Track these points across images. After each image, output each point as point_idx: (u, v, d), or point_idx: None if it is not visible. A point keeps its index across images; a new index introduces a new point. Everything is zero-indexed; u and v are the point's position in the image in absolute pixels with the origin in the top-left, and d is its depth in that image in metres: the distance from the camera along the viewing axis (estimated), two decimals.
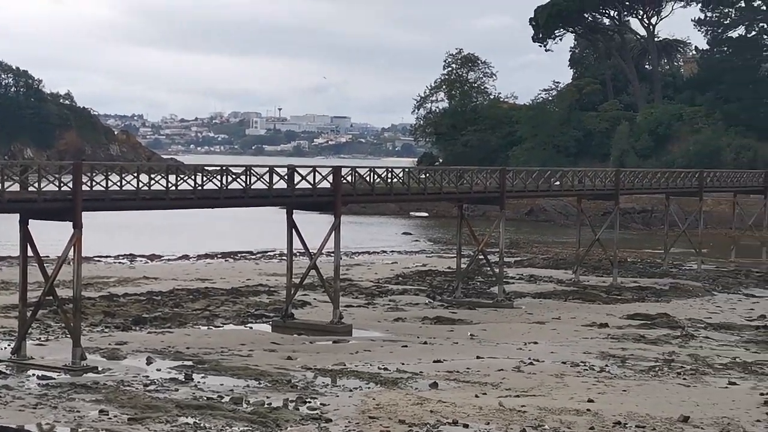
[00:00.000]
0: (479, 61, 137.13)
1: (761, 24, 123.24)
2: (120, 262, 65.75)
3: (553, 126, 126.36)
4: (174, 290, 51.69)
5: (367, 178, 45.56)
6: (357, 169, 45.17)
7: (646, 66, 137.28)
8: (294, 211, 43.05)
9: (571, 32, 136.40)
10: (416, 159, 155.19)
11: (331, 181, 42.75)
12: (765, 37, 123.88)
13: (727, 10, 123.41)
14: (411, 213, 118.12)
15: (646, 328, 44.67)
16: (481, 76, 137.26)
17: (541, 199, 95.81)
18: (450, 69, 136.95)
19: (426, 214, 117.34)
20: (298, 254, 49.29)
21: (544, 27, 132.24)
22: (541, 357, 36.46)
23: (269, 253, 72.63)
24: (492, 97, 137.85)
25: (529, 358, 36.07)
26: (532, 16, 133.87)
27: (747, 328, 45.45)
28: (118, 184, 35.73)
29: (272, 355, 36.16)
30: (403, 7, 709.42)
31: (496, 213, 55.34)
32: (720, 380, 33.54)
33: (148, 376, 31.53)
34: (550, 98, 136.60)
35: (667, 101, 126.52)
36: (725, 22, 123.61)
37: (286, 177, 41.74)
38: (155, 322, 42.52)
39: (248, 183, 39.50)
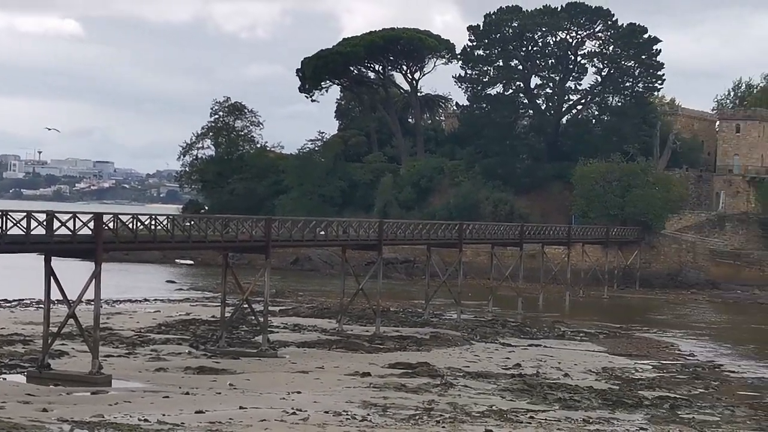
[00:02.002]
0: (246, 110, 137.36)
1: (518, 83, 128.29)
2: None
3: (319, 176, 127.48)
4: None
5: (130, 225, 44.76)
6: (119, 215, 44.37)
7: (410, 120, 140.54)
8: (53, 258, 41.80)
9: (337, 84, 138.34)
10: (182, 206, 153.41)
11: (92, 228, 41.80)
12: (521, 95, 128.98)
13: (486, 68, 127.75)
14: (176, 261, 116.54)
15: (407, 377, 45.44)
16: (248, 124, 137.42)
17: (306, 248, 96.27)
18: (217, 116, 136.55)
19: (191, 262, 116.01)
20: (56, 302, 47.77)
21: (310, 78, 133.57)
22: (305, 407, 36.51)
23: (26, 301, 70.04)
24: (259, 145, 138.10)
25: (293, 408, 36.06)
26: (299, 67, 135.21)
27: (503, 376, 46.89)
28: None
29: (26, 407, 34.81)
30: (171, 53, 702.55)
31: (261, 262, 55.24)
32: (477, 428, 34.44)
33: None
34: (316, 148, 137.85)
35: (429, 154, 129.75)
36: (484, 80, 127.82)
37: (44, 222, 40.47)
38: None
39: (4, 228, 38.16)
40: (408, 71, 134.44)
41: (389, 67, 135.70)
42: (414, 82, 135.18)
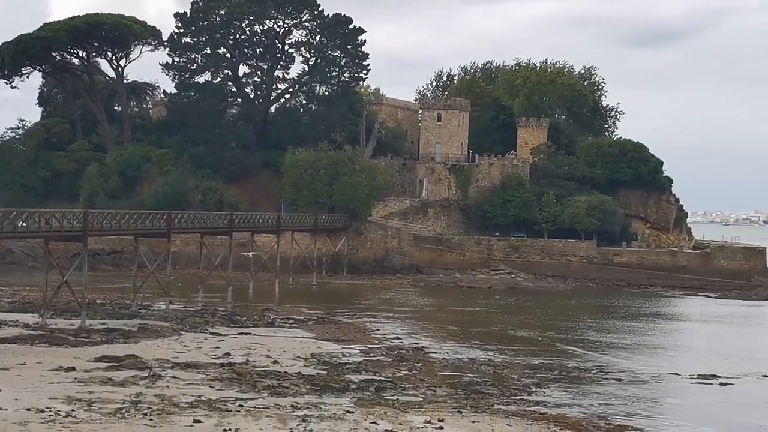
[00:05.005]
0: None
1: (226, 71, 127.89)
2: None
3: (20, 165, 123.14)
4: None
5: None
6: None
7: (116, 107, 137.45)
8: None
9: (39, 70, 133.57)
10: None
11: None
12: (229, 83, 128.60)
13: (193, 56, 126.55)
14: None
15: (113, 370, 44.62)
16: None
17: (6, 240, 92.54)
18: None
19: None
20: None
21: (10, 63, 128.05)
22: (5, 405, 35.22)
23: None
24: None
25: None
26: None
27: (213, 366, 46.80)
28: None
29: None
30: None
31: None
32: (185, 419, 34.27)
33: None
34: (17, 137, 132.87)
35: (136, 143, 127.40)
36: (192, 68, 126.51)
37: None
38: None
39: None
40: (113, 58, 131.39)
41: (94, 54, 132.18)
42: (120, 69, 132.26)
